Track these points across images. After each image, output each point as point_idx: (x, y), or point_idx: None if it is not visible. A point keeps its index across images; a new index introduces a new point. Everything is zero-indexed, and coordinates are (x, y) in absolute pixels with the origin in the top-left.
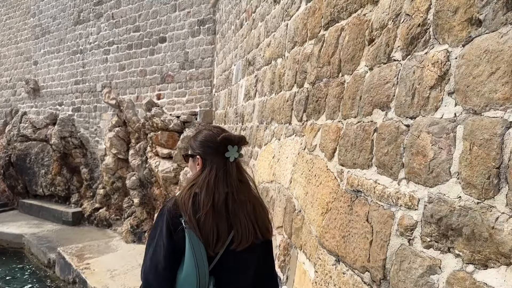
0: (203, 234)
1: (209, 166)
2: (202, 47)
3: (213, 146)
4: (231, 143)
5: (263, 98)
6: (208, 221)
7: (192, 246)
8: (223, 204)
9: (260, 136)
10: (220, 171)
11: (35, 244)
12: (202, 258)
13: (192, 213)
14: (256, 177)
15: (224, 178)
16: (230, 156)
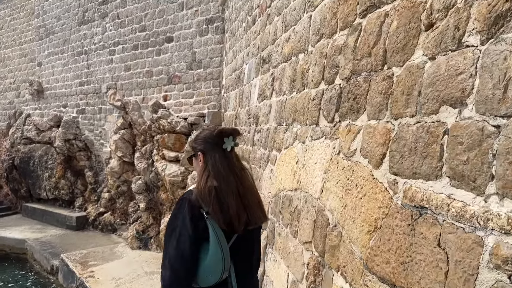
0: (227, 219)
1: (211, 158)
2: (210, 46)
3: (211, 140)
4: (226, 135)
5: (282, 98)
6: (232, 206)
7: (216, 234)
8: (235, 188)
9: (279, 139)
10: (222, 160)
11: (38, 250)
12: (226, 245)
13: (216, 202)
14: (275, 184)
15: (228, 166)
16: (227, 146)
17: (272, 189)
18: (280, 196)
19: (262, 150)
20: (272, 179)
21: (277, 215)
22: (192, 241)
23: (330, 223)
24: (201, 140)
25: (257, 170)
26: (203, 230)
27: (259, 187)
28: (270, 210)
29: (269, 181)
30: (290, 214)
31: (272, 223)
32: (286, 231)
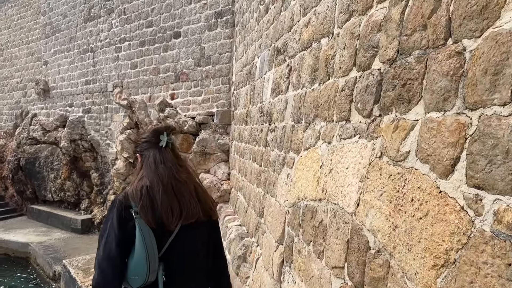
0: (157, 217)
1: (146, 156)
2: (219, 41)
3: (147, 139)
4: (160, 132)
5: (300, 91)
6: (164, 201)
7: (142, 233)
8: (168, 183)
9: (297, 139)
10: (156, 156)
11: (41, 255)
12: (152, 245)
13: (146, 201)
14: (293, 191)
15: (161, 161)
16: (162, 143)
17: (289, 197)
18: (299, 206)
19: (276, 152)
20: (289, 185)
21: (296, 229)
22: (118, 242)
23: (372, 247)
24: (139, 142)
25: (271, 174)
26: (132, 230)
27: (274, 193)
28: (287, 221)
29: (286, 187)
30: (313, 230)
31: (289, 237)
32: (308, 249)
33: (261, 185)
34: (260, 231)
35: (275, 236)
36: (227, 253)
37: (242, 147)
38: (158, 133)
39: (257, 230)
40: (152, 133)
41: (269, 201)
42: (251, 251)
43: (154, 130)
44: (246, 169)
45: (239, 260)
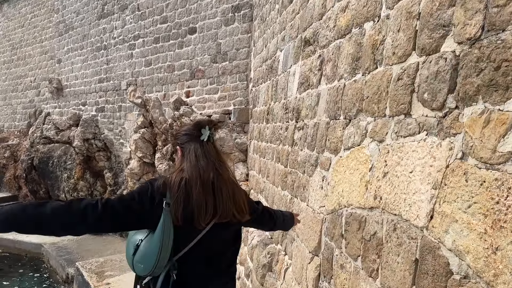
0: (189, 213)
1: (187, 150)
2: (236, 36)
3: (188, 133)
4: (203, 126)
5: (337, 84)
6: (199, 195)
7: (163, 229)
8: (208, 178)
9: (334, 137)
10: (198, 151)
11: (54, 256)
12: (168, 243)
13: (182, 194)
14: (332, 196)
15: (203, 155)
16: (204, 137)
17: (326, 202)
18: (341, 214)
19: (307, 151)
20: (326, 189)
21: (337, 240)
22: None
23: (455, 271)
24: (179, 134)
25: (300, 176)
26: (152, 218)
27: (304, 198)
28: (324, 230)
29: (321, 191)
30: (362, 243)
31: (328, 249)
32: (354, 265)
33: (287, 188)
34: (287, 238)
35: (309, 246)
36: (249, 260)
37: (262, 147)
38: (200, 126)
39: (284, 236)
40: (194, 126)
41: (298, 206)
42: (278, 260)
43: (196, 123)
44: (268, 170)
45: (264, 269)
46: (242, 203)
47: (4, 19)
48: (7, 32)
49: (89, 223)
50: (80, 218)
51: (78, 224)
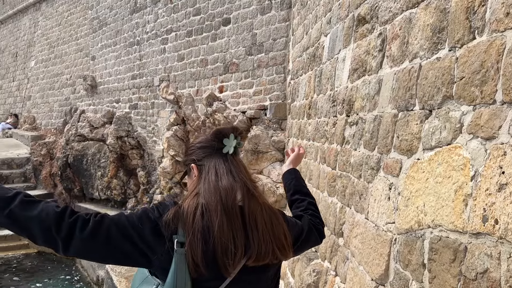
0: (212, 249)
1: (206, 167)
2: (273, 25)
3: (206, 145)
4: (225, 135)
5: (409, 65)
6: (223, 230)
7: (176, 276)
8: (235, 205)
9: (407, 133)
10: (219, 166)
11: None
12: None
13: (199, 227)
14: (406, 211)
15: (228, 173)
16: (229, 148)
17: (398, 218)
18: (422, 236)
19: (363, 151)
20: (396, 201)
21: (415, 270)
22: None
23: None
24: (194, 148)
25: (354, 181)
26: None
27: (361, 209)
28: (394, 254)
29: (388, 203)
30: (462, 281)
31: (400, 279)
32: None
33: (336, 194)
34: (339, 255)
35: (371, 271)
36: (290, 274)
37: (303, 145)
38: (222, 136)
39: (334, 253)
40: (213, 136)
41: (352, 218)
42: (326, 280)
43: (216, 131)
44: (311, 172)
45: None
46: (283, 235)
47: (42, 18)
48: (45, 31)
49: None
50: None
51: (57, 236)
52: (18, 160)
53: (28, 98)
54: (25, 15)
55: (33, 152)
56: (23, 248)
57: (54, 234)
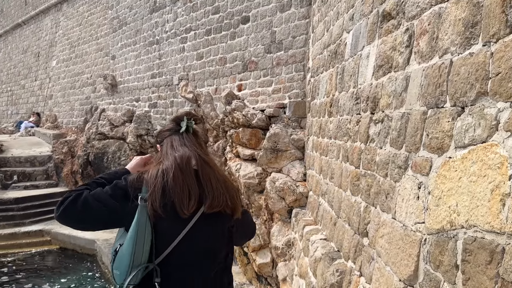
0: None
1: (165, 144)
2: (293, 23)
3: (167, 129)
4: (181, 119)
5: (438, 61)
6: (179, 181)
7: (138, 224)
8: (190, 165)
9: (438, 131)
10: (175, 140)
11: (106, 253)
12: (144, 239)
13: (159, 185)
14: (437, 211)
15: (181, 144)
16: (182, 128)
17: (428, 218)
18: (455, 236)
19: (390, 149)
20: (426, 200)
21: (448, 272)
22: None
23: None
24: (159, 132)
25: (380, 180)
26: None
27: (388, 208)
28: (424, 255)
29: (417, 203)
30: (499, 284)
31: (430, 280)
32: None
33: (360, 193)
34: (363, 255)
35: (399, 272)
36: (311, 274)
37: (324, 143)
38: (178, 120)
39: (358, 253)
40: (172, 121)
41: (378, 218)
42: (350, 280)
43: (174, 117)
44: (332, 171)
45: None
46: (235, 194)
47: (63, 18)
48: (66, 31)
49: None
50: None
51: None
52: (41, 157)
53: (49, 97)
54: (46, 16)
55: (54, 150)
56: (46, 244)
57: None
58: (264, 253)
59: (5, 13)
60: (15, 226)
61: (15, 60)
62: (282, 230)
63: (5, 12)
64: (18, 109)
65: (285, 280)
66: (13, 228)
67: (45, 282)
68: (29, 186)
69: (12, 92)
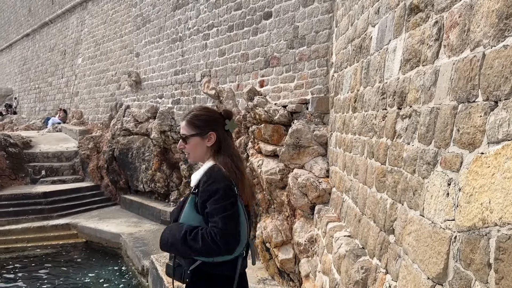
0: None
1: (222, 138)
2: (316, 18)
3: (219, 120)
4: (229, 117)
5: (470, 54)
6: (246, 183)
7: (243, 207)
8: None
9: (470, 126)
10: (228, 138)
11: (130, 247)
12: (246, 220)
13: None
14: (468, 208)
15: (231, 141)
16: (230, 128)
17: (459, 215)
18: (487, 234)
19: (418, 145)
20: (456, 197)
21: (479, 270)
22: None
23: None
24: (210, 119)
25: (407, 177)
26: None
27: (416, 205)
28: (454, 253)
29: (446, 199)
30: None
31: (461, 279)
32: None
33: (386, 190)
34: (389, 253)
35: (428, 270)
36: (335, 271)
37: (348, 139)
38: (228, 116)
39: (383, 250)
40: (223, 114)
41: (405, 215)
42: (375, 278)
43: (225, 112)
44: (356, 167)
45: (357, 287)
46: (253, 189)
47: (89, 16)
48: (91, 29)
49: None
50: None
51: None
52: (67, 153)
53: (75, 94)
54: (72, 14)
55: (81, 145)
56: (73, 238)
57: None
58: (286, 249)
59: (33, 12)
60: (44, 220)
61: (42, 58)
62: (304, 227)
63: (33, 11)
64: (46, 105)
65: (308, 276)
66: (42, 222)
67: (74, 275)
68: (57, 180)
69: (39, 89)
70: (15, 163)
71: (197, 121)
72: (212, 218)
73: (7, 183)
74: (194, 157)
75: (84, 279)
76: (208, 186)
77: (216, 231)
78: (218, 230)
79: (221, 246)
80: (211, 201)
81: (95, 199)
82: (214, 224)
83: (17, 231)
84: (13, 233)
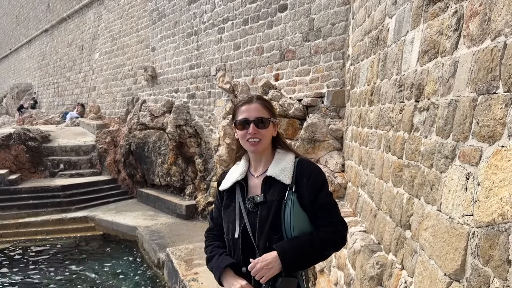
0: None
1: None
2: (332, 9)
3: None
4: None
5: (490, 44)
6: None
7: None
8: None
9: (490, 118)
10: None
11: (147, 240)
12: None
13: None
14: (487, 203)
15: None
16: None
17: (477, 211)
18: (507, 229)
19: (436, 138)
20: (475, 191)
21: (498, 267)
22: None
23: None
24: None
25: (423, 171)
26: None
27: (433, 200)
28: (472, 249)
29: (465, 194)
30: None
31: (479, 276)
32: None
33: (403, 184)
34: (405, 248)
35: (444, 266)
36: (350, 266)
37: (364, 133)
38: None
39: (399, 245)
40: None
41: (422, 210)
42: (391, 273)
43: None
44: (373, 161)
45: (372, 283)
46: None
47: (105, 11)
48: (108, 24)
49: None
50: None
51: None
52: (85, 147)
53: (93, 89)
54: (89, 10)
55: (98, 139)
56: (90, 230)
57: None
58: None
59: (51, 8)
60: (62, 212)
61: (60, 53)
62: None
63: (51, 7)
64: (64, 100)
65: (323, 271)
66: (60, 214)
67: (92, 266)
68: (74, 174)
69: (58, 84)
70: (35, 156)
71: (269, 105)
72: (328, 211)
73: (27, 176)
74: (264, 145)
75: (100, 270)
76: (315, 179)
77: (342, 225)
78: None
79: (346, 236)
80: (323, 194)
81: (112, 193)
82: (335, 218)
83: (37, 223)
84: (33, 225)
